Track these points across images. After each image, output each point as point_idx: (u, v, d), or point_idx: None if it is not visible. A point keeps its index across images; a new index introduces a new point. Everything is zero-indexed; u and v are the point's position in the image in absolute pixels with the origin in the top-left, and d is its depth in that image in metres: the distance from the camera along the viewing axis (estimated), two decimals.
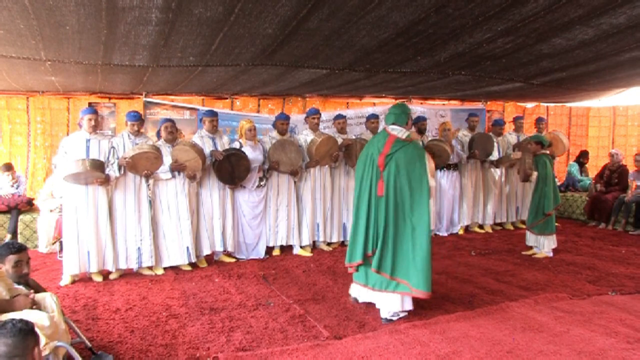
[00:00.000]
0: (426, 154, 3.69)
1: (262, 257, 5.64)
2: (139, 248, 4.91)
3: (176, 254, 5.08)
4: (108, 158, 4.74)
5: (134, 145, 4.82)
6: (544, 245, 5.56)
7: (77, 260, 4.65)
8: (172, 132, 5.13)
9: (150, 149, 4.66)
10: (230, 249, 5.52)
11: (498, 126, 7.20)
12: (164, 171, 4.97)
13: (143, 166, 4.75)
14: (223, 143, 5.43)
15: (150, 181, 5.00)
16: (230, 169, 5.23)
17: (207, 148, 5.24)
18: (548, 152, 5.71)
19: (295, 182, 5.85)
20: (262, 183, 5.60)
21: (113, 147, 4.82)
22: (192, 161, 4.95)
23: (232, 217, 5.49)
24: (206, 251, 5.34)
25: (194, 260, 5.15)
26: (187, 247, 5.09)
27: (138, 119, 5.00)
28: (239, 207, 5.58)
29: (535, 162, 5.56)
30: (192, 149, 4.92)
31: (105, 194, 4.77)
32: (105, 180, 4.67)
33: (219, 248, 5.40)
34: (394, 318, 3.62)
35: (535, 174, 5.51)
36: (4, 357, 1.78)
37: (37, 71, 5.29)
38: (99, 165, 4.54)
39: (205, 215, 5.32)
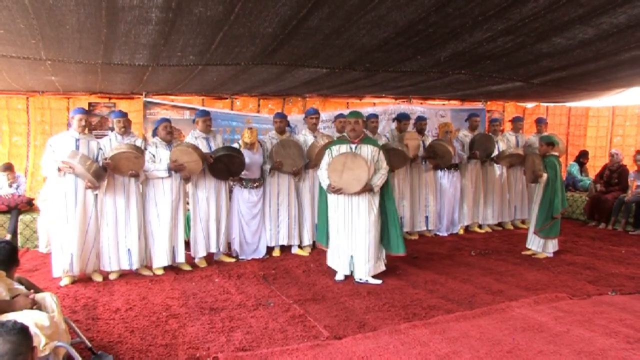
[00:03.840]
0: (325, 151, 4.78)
1: (261, 257, 5.64)
2: (129, 250, 4.89)
3: (165, 254, 5.02)
4: (97, 159, 4.71)
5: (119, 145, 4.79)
6: (546, 247, 5.54)
7: (64, 261, 4.60)
8: (171, 131, 5.12)
9: (129, 149, 4.61)
10: (223, 250, 5.51)
11: (495, 123, 7.18)
12: (161, 169, 4.96)
13: (125, 166, 4.70)
14: (217, 143, 5.40)
15: (140, 180, 4.95)
16: (225, 168, 5.22)
17: (201, 149, 5.20)
18: (557, 153, 5.65)
19: (295, 182, 5.84)
20: (259, 183, 5.59)
21: (100, 149, 4.81)
22: (193, 163, 4.94)
23: (226, 218, 5.47)
24: (202, 252, 5.31)
25: (178, 260, 5.11)
26: (173, 247, 5.06)
27: (123, 116, 4.99)
28: (237, 207, 5.58)
29: (544, 163, 5.51)
30: (194, 152, 4.90)
31: (93, 195, 4.75)
32: (95, 187, 4.64)
33: (214, 249, 5.39)
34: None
35: (545, 175, 5.46)
36: (10, 355, 1.77)
37: (37, 71, 5.28)
38: (99, 175, 4.54)
39: (201, 216, 5.31)
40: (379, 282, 4.59)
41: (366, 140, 4.69)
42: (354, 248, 4.64)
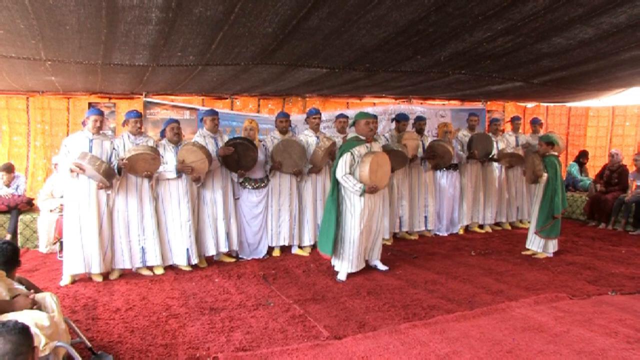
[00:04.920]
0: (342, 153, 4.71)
1: (261, 257, 5.64)
2: (142, 247, 4.92)
3: (177, 254, 5.09)
4: (110, 159, 4.75)
5: (134, 145, 4.82)
6: (547, 248, 5.54)
7: (78, 261, 4.64)
8: (178, 133, 5.14)
9: (146, 150, 4.64)
10: (235, 248, 5.52)
11: (495, 123, 7.18)
12: (169, 170, 4.98)
13: (141, 167, 4.74)
14: (224, 142, 5.42)
15: (152, 181, 4.99)
16: (237, 158, 5.21)
17: (210, 148, 5.22)
18: (556, 153, 5.64)
19: (298, 181, 5.83)
20: (262, 184, 5.58)
21: (114, 149, 4.84)
22: (199, 162, 4.94)
23: (235, 217, 5.49)
24: (211, 252, 5.33)
25: (193, 262, 5.14)
26: (187, 249, 5.09)
27: (139, 116, 5.03)
28: (239, 207, 5.58)
29: (544, 163, 5.49)
30: (200, 151, 4.91)
31: (105, 195, 4.77)
32: (107, 187, 4.67)
33: (223, 249, 5.39)
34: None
35: (545, 175, 5.44)
36: (11, 355, 1.77)
37: (37, 71, 5.28)
38: (110, 174, 4.56)
39: (209, 216, 5.31)
40: (386, 268, 5.02)
41: (374, 138, 4.98)
42: (372, 241, 4.91)
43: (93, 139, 4.72)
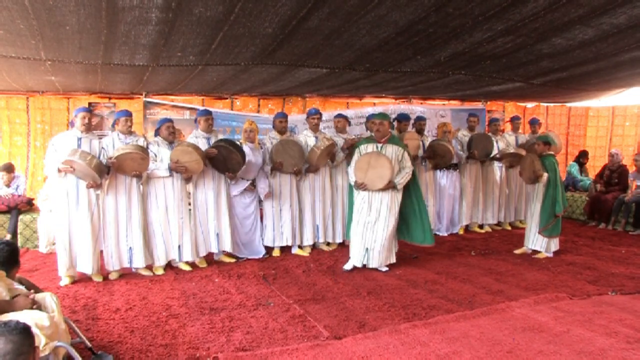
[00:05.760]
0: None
1: (261, 257, 5.64)
2: (130, 248, 4.90)
3: (168, 253, 5.07)
4: (99, 158, 4.72)
5: (124, 145, 4.79)
6: (549, 247, 5.54)
7: (69, 260, 4.64)
8: (173, 132, 5.14)
9: (134, 150, 4.61)
10: (227, 249, 5.50)
11: (494, 123, 7.18)
12: (162, 169, 4.97)
13: (130, 167, 4.71)
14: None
15: (142, 181, 4.96)
16: (223, 160, 5.19)
17: (202, 149, 5.20)
18: (553, 152, 5.61)
19: (297, 180, 5.82)
20: (250, 187, 5.58)
21: (103, 148, 4.81)
22: (194, 163, 4.94)
23: (228, 217, 5.47)
24: (202, 252, 5.32)
25: (185, 259, 5.12)
26: (179, 246, 5.08)
27: (130, 115, 5.01)
28: (233, 206, 5.58)
29: (542, 163, 5.48)
30: (195, 152, 4.90)
31: (94, 195, 4.75)
32: (97, 186, 4.65)
33: (214, 249, 5.39)
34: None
35: (545, 175, 5.43)
36: (12, 354, 1.77)
37: (37, 71, 5.29)
38: (101, 170, 4.54)
39: (201, 216, 5.31)
40: (387, 269, 5.00)
41: (392, 140, 4.98)
42: (371, 241, 4.91)
43: (82, 137, 4.69)
